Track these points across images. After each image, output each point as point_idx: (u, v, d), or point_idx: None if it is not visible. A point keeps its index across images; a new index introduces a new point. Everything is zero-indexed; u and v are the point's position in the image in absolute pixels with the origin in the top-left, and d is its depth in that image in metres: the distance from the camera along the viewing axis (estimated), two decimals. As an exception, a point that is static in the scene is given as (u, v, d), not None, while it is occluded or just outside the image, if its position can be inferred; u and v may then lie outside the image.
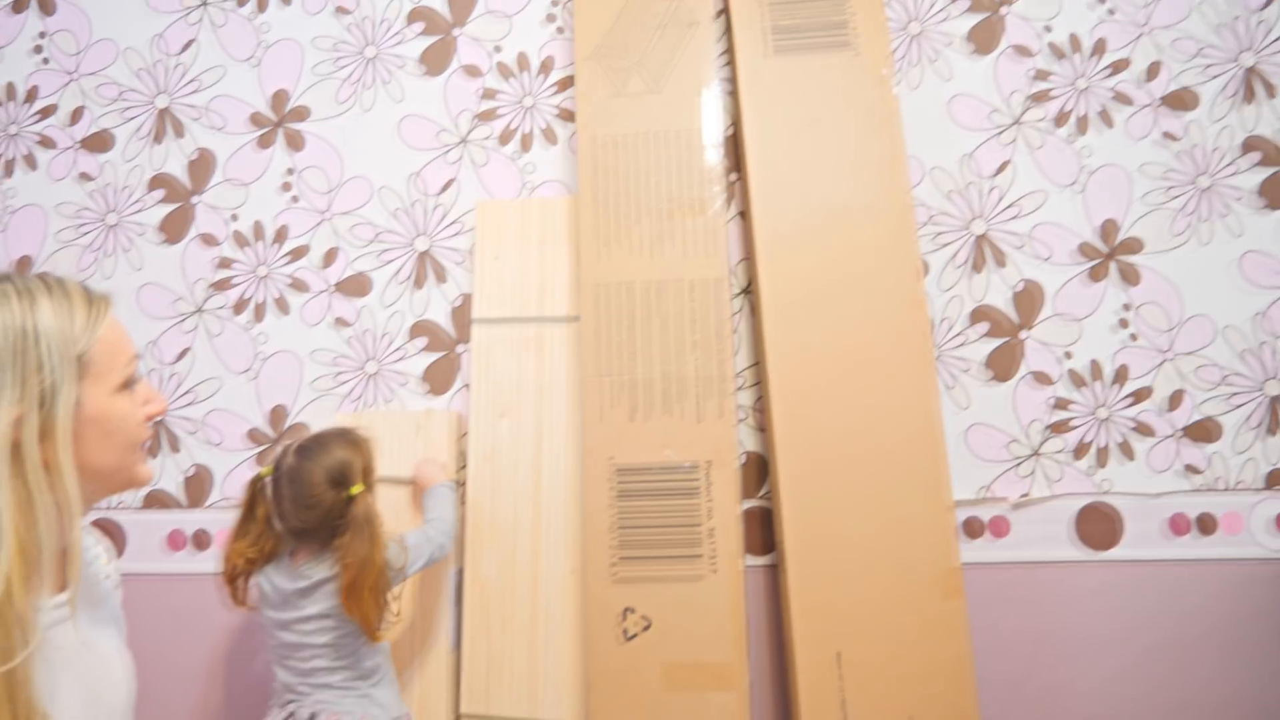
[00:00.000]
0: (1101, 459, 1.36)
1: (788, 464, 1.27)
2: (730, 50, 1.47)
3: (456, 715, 1.32)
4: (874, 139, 1.37)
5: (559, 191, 1.54)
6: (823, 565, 1.23)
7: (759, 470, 1.40)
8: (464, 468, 1.42)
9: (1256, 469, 1.33)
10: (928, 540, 1.22)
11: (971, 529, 1.36)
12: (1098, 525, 1.34)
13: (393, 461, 1.37)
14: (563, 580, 1.34)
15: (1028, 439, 1.38)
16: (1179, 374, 1.36)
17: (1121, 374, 1.38)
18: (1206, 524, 1.32)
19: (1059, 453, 1.37)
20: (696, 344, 1.33)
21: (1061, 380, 1.38)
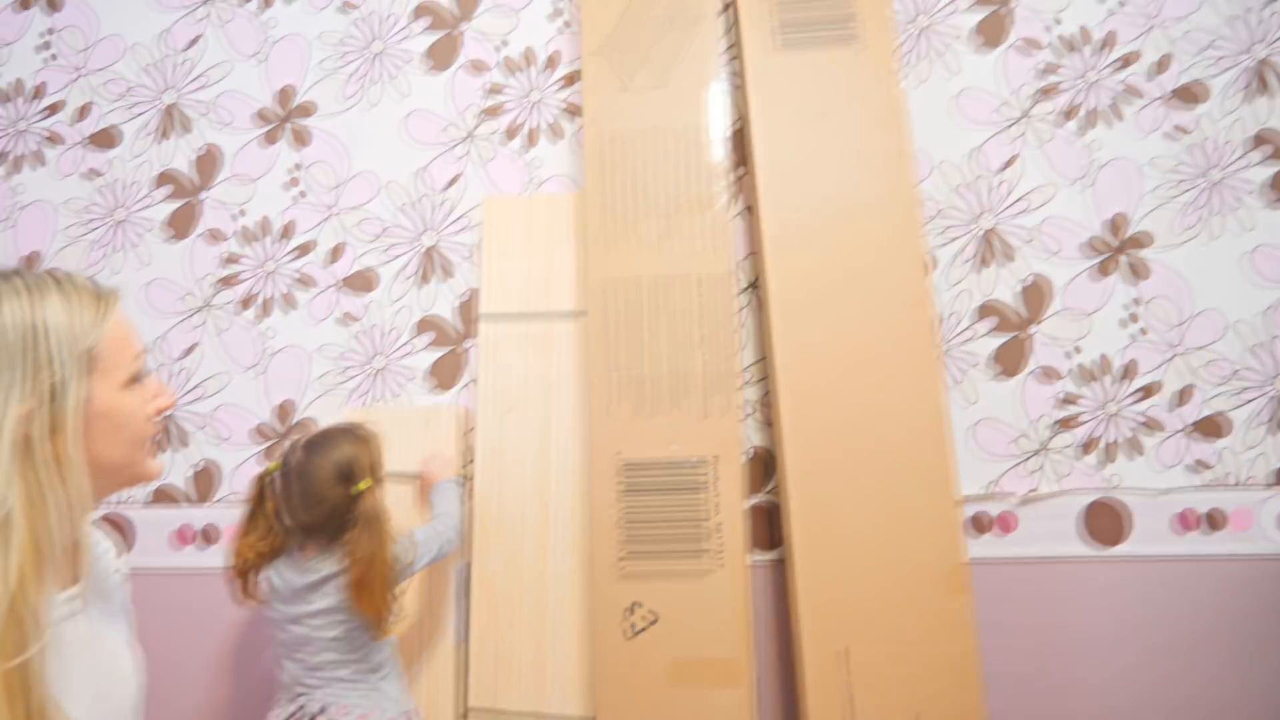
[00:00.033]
0: (1110, 454, 1.35)
1: (795, 460, 1.26)
2: (737, 45, 1.47)
3: (464, 709, 1.32)
4: (880, 134, 1.36)
5: (565, 187, 1.54)
6: (830, 561, 1.23)
7: (765, 466, 1.40)
8: (471, 463, 1.42)
9: (1266, 464, 1.32)
10: (935, 536, 1.22)
11: (979, 524, 1.36)
12: (1106, 521, 1.33)
13: (400, 457, 1.37)
14: (569, 575, 1.34)
15: (1035, 434, 1.37)
16: (1188, 369, 1.36)
17: (1130, 369, 1.37)
18: (1216, 520, 1.31)
19: (1067, 448, 1.36)
20: (703, 339, 1.33)
21: (1070, 375, 1.38)
